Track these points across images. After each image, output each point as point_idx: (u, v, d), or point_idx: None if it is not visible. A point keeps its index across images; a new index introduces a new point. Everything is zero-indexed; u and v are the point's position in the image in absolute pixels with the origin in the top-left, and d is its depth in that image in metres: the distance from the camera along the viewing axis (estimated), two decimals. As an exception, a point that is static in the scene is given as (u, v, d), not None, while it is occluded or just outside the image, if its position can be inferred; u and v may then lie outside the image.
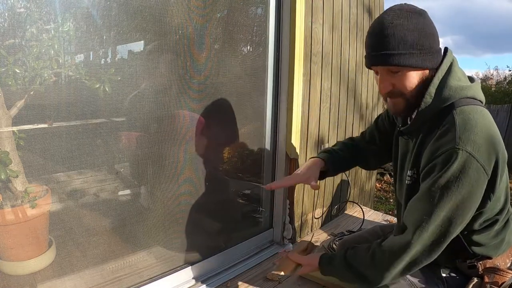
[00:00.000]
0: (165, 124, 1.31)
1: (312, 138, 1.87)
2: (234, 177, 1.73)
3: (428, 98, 0.93)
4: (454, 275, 1.04)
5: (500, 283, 0.95)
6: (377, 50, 0.91)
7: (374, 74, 1.02)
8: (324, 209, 2.11)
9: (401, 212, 1.06)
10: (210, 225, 1.62)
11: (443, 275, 1.03)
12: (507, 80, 11.54)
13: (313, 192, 1.97)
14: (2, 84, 0.95)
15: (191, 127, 1.41)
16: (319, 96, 1.86)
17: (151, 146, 1.29)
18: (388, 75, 0.94)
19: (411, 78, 0.92)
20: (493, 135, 0.85)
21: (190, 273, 1.46)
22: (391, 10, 0.91)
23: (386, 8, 0.95)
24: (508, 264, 1.02)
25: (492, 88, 10.91)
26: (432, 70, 0.94)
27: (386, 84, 0.94)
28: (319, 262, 1.06)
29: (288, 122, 1.69)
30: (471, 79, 0.98)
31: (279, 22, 1.63)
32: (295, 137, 1.71)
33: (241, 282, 1.49)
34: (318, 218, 2.07)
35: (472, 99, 0.92)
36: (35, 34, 0.97)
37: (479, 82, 0.98)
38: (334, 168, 1.26)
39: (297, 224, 1.87)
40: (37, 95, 1.00)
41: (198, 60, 1.37)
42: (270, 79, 1.67)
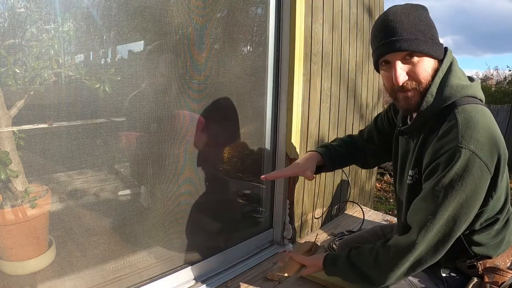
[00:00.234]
0: (165, 124, 1.31)
1: (312, 138, 1.87)
2: (234, 177, 1.73)
3: (430, 97, 0.93)
4: (454, 275, 1.04)
5: (500, 282, 0.95)
6: (394, 36, 0.89)
7: (382, 71, 0.98)
8: (324, 209, 2.11)
9: (401, 212, 1.06)
10: (210, 225, 1.62)
11: (443, 275, 1.03)
12: (507, 80, 11.54)
13: (313, 192, 1.97)
14: (2, 84, 0.95)
15: (191, 127, 1.41)
16: (319, 96, 1.86)
17: (151, 146, 1.29)
18: (404, 64, 0.92)
19: (427, 66, 0.92)
20: (494, 133, 0.85)
21: (190, 273, 1.46)
22: (397, 5, 0.93)
23: (386, 8, 0.96)
24: (508, 264, 1.02)
25: (492, 88, 10.90)
26: (439, 63, 0.94)
27: (402, 73, 0.92)
28: (323, 262, 1.06)
29: (288, 122, 1.69)
30: (470, 78, 0.98)
31: (279, 22, 1.63)
32: (295, 137, 1.70)
33: (241, 282, 1.49)
34: (318, 218, 2.06)
35: (473, 98, 0.92)
36: (35, 34, 0.97)
37: (479, 81, 0.98)
38: (331, 163, 1.26)
39: (297, 224, 1.87)
40: (37, 95, 1.00)
41: (198, 60, 1.37)
42: (270, 79, 1.67)
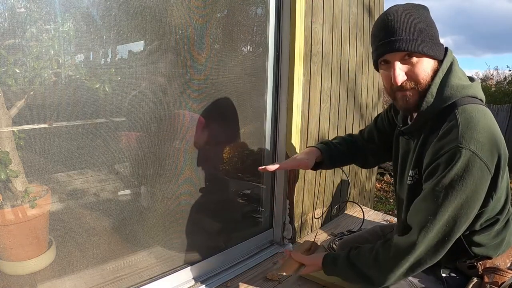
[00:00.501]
0: (165, 124, 1.31)
1: (312, 138, 1.87)
2: (234, 177, 1.73)
3: (430, 97, 0.92)
4: (454, 275, 1.04)
5: (500, 283, 0.95)
6: (393, 36, 0.89)
7: (382, 71, 0.99)
8: (324, 209, 2.11)
9: (401, 212, 1.06)
10: (210, 225, 1.62)
11: (443, 275, 1.03)
12: (507, 80, 11.54)
13: (313, 192, 1.97)
14: (2, 84, 0.95)
15: (191, 127, 1.41)
16: (319, 96, 1.86)
17: (151, 146, 1.29)
18: (403, 64, 0.92)
19: (426, 67, 0.92)
20: (495, 134, 0.85)
21: (190, 273, 1.46)
22: (398, 5, 0.93)
23: (386, 8, 0.96)
24: (508, 264, 1.02)
25: (492, 88, 10.90)
26: (439, 63, 0.94)
27: (400, 73, 0.92)
28: (322, 262, 1.05)
29: (288, 122, 1.69)
30: (471, 79, 0.98)
31: (279, 22, 1.63)
32: (295, 137, 1.70)
33: (241, 282, 1.49)
34: (318, 218, 2.07)
35: (473, 98, 0.92)
36: (35, 34, 0.97)
37: (479, 81, 0.98)
38: (330, 160, 1.27)
39: (297, 224, 1.87)
40: (37, 95, 1.00)
41: (198, 60, 1.37)
42: (270, 79, 1.67)
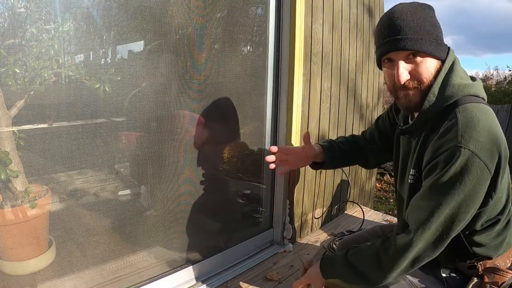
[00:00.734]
0: (165, 124, 1.31)
1: (312, 138, 1.87)
2: (234, 177, 1.72)
3: (432, 96, 0.92)
4: (454, 275, 1.04)
5: (500, 283, 0.95)
6: (398, 34, 0.89)
7: (385, 69, 0.98)
8: (324, 209, 2.11)
9: (402, 212, 1.06)
10: (210, 225, 1.62)
11: (443, 275, 1.03)
12: (507, 80, 11.52)
13: (313, 192, 1.97)
14: (2, 84, 0.95)
15: (191, 127, 1.41)
16: (319, 96, 1.86)
17: (151, 146, 1.29)
18: (407, 63, 0.92)
19: (429, 66, 0.92)
20: (495, 133, 0.85)
21: (190, 273, 1.46)
22: (404, 3, 0.92)
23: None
24: (508, 264, 1.01)
25: (492, 88, 10.89)
26: (442, 63, 0.94)
27: (404, 72, 0.92)
28: (320, 264, 1.05)
29: (288, 122, 1.69)
30: (472, 78, 0.98)
31: (279, 22, 1.63)
32: (295, 137, 1.70)
33: (241, 282, 1.49)
34: (318, 218, 2.07)
35: (475, 96, 0.92)
36: (35, 34, 0.97)
37: (481, 81, 0.97)
38: (331, 159, 1.27)
39: (297, 224, 1.87)
40: (37, 95, 1.00)
41: (198, 60, 1.37)
42: (270, 79, 1.67)
